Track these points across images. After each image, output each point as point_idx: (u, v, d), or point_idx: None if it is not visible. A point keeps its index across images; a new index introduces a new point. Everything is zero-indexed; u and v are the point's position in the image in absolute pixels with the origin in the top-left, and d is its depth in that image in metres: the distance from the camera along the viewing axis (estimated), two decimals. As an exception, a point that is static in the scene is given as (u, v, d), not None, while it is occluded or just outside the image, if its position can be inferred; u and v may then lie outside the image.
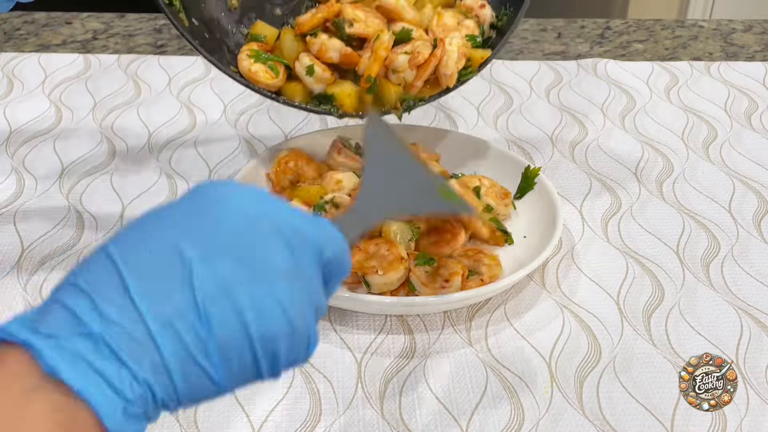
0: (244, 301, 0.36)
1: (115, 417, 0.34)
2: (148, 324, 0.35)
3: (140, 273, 0.35)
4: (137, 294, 0.35)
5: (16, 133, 0.98)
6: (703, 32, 1.29)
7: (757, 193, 0.90)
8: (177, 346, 0.35)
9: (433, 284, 0.69)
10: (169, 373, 0.35)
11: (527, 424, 0.62)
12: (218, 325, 0.36)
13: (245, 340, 0.36)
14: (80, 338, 0.34)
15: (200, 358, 0.36)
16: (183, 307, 0.35)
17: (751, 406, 0.64)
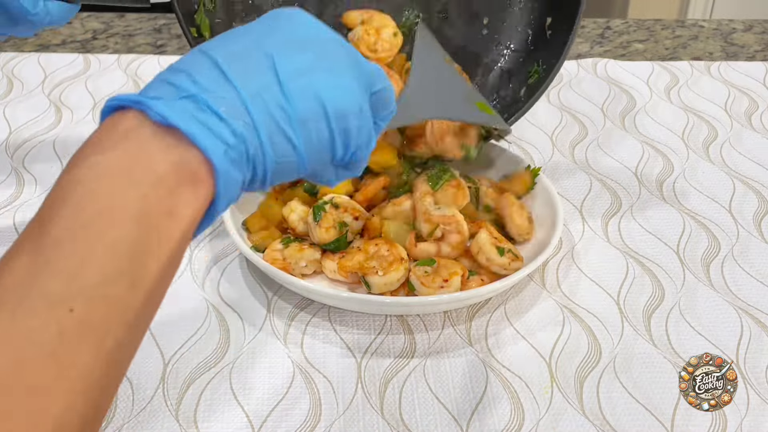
0: (320, 82, 0.42)
1: (218, 155, 0.38)
2: (239, 92, 0.40)
3: (230, 59, 0.41)
4: (229, 72, 0.40)
5: (16, 133, 0.98)
6: (704, 32, 1.29)
7: (757, 193, 0.90)
8: (264, 113, 0.40)
9: (433, 284, 0.69)
10: (258, 134, 0.40)
11: (527, 424, 0.62)
12: (299, 99, 0.41)
13: (322, 113, 0.42)
14: (183, 99, 0.39)
15: (284, 125, 0.41)
16: (268, 83, 0.41)
17: (751, 406, 0.64)
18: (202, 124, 0.38)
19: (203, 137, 0.38)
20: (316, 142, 0.43)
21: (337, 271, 0.72)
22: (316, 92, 0.42)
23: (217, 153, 0.38)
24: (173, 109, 0.38)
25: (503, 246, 0.73)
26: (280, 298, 0.74)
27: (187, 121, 0.38)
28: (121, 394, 0.64)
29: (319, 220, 0.73)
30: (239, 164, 0.40)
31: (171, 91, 0.39)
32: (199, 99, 0.39)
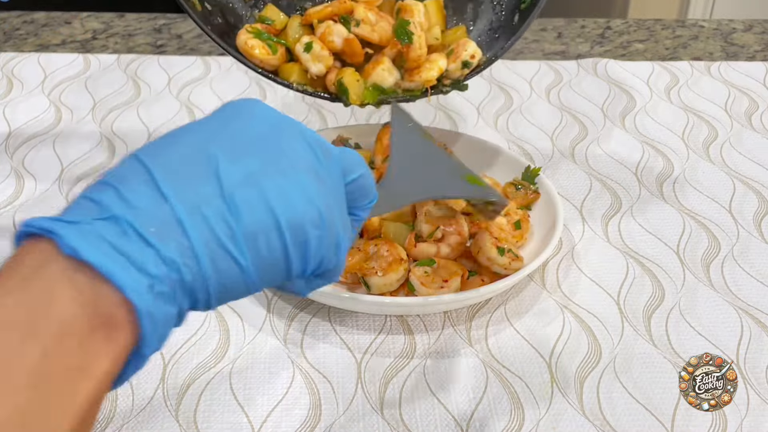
0: (270, 189, 0.37)
1: (139, 292, 0.33)
2: (174, 207, 0.35)
3: (167, 168, 0.36)
4: (163, 183, 0.35)
5: (16, 133, 0.98)
6: (704, 32, 1.29)
7: (757, 193, 0.90)
8: (204, 230, 0.35)
9: (433, 285, 0.69)
10: (197, 256, 0.35)
11: (527, 424, 0.62)
12: (245, 210, 0.36)
13: (273, 225, 0.37)
14: (102, 222, 0.33)
15: (227, 243, 0.35)
16: (209, 195, 0.35)
17: (751, 406, 0.64)
18: (122, 253, 0.33)
19: (121, 273, 0.32)
20: (268, 258, 0.37)
21: (336, 272, 0.72)
22: (266, 201, 0.36)
23: (140, 292, 0.33)
24: (87, 237, 0.33)
25: (503, 246, 0.73)
26: (280, 298, 0.74)
27: (102, 254, 0.32)
28: (121, 394, 0.64)
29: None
30: (170, 297, 0.34)
31: (91, 212, 0.34)
32: (122, 221, 0.33)
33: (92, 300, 0.32)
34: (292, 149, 0.39)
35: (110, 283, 0.32)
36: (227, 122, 0.39)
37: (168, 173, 0.35)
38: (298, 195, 0.38)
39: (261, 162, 0.37)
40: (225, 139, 0.38)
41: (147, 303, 0.33)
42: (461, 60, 0.77)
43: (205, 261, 0.35)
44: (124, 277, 0.33)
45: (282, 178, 0.37)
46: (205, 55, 1.17)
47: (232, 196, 0.36)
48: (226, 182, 0.36)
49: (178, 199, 0.35)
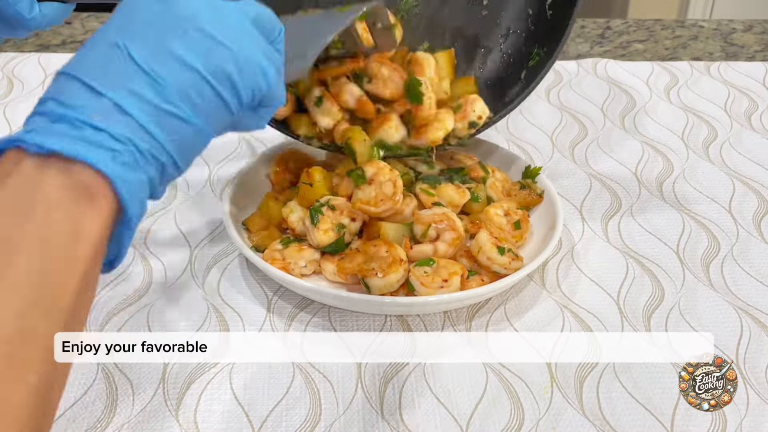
0: (177, 48, 0.42)
1: (107, 163, 0.38)
2: (107, 95, 0.40)
3: (90, 69, 0.41)
4: (92, 81, 0.40)
5: (16, 133, 0.98)
6: (703, 32, 1.29)
7: (757, 193, 0.90)
8: (140, 103, 0.40)
9: (433, 284, 0.69)
10: (142, 126, 0.40)
11: (527, 424, 0.62)
12: (165, 73, 0.41)
13: (194, 76, 0.42)
14: (56, 124, 0.39)
15: (163, 104, 0.41)
16: (132, 74, 0.41)
17: (751, 406, 0.64)
18: (81, 140, 0.38)
19: (86, 151, 0.38)
20: (203, 104, 0.43)
21: (336, 273, 0.72)
22: (180, 59, 0.42)
23: (105, 161, 0.38)
24: (47, 135, 0.38)
25: (503, 245, 0.73)
26: (280, 298, 0.74)
27: (65, 142, 0.38)
28: (121, 394, 0.64)
29: (317, 223, 0.73)
30: (135, 165, 0.40)
31: (42, 120, 0.39)
32: (70, 118, 0.39)
33: (67, 179, 0.37)
34: (184, 12, 0.44)
35: (80, 163, 0.38)
36: (124, 14, 0.44)
37: (93, 72, 0.41)
38: (204, 43, 0.43)
39: (161, 33, 0.43)
40: (126, 27, 0.43)
41: (117, 170, 0.39)
42: (468, 120, 0.79)
43: (152, 127, 0.40)
44: (89, 154, 0.38)
45: (185, 36, 0.43)
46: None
47: (151, 67, 0.41)
48: (140, 59, 0.41)
49: (108, 88, 0.40)
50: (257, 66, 0.46)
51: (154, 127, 0.41)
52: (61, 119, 0.39)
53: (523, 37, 0.85)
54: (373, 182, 0.74)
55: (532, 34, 0.84)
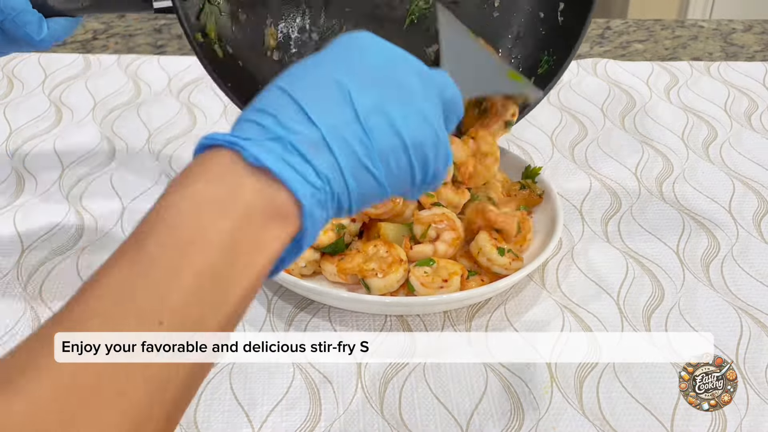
0: (396, 114, 0.44)
1: (307, 197, 0.40)
2: (322, 131, 0.41)
3: (309, 98, 0.42)
4: (310, 111, 0.42)
5: (16, 134, 0.98)
6: (703, 32, 1.29)
7: (757, 193, 0.90)
8: (346, 151, 0.42)
9: (433, 285, 0.69)
10: (342, 172, 0.42)
11: (527, 424, 0.62)
12: (378, 134, 0.43)
13: (401, 146, 0.44)
14: (271, 141, 0.40)
15: (365, 160, 0.43)
16: (348, 120, 0.42)
17: (751, 406, 0.64)
18: (291, 166, 0.40)
19: (293, 180, 0.40)
20: (397, 172, 0.44)
21: (336, 274, 0.72)
22: (394, 126, 0.43)
23: (306, 195, 0.40)
24: (264, 150, 0.40)
25: (503, 246, 0.73)
26: (280, 298, 0.74)
27: (278, 164, 0.40)
28: (122, 394, 0.64)
29: None
30: (325, 204, 0.42)
31: (260, 133, 0.41)
32: (286, 141, 0.40)
33: (270, 195, 0.40)
34: (406, 79, 0.45)
35: (283, 186, 0.40)
36: (348, 54, 0.45)
37: (312, 102, 0.42)
38: (418, 119, 0.45)
39: (384, 92, 0.44)
40: (350, 69, 0.44)
41: (312, 206, 0.41)
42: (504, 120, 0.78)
43: (349, 175, 0.42)
44: (296, 184, 0.40)
45: (403, 106, 0.44)
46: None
47: (366, 121, 0.42)
48: (360, 109, 0.42)
49: (323, 124, 0.41)
50: (446, 152, 0.47)
51: (350, 177, 0.42)
52: (277, 140, 0.40)
53: (532, 43, 0.84)
54: None
55: (542, 40, 0.84)
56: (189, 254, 0.37)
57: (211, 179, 0.39)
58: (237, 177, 0.39)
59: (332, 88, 0.43)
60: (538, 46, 0.84)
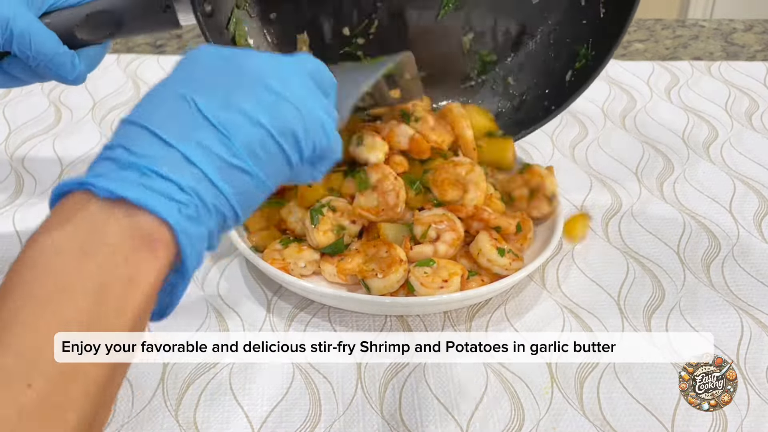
0: (245, 104, 0.43)
1: (173, 215, 0.39)
2: (177, 147, 0.40)
3: (158, 119, 0.41)
4: (160, 131, 0.41)
5: (16, 133, 0.98)
6: (704, 32, 1.29)
7: (757, 193, 0.89)
8: (208, 156, 0.41)
9: (433, 285, 0.69)
10: (210, 179, 0.41)
11: (527, 424, 0.62)
12: (233, 129, 0.42)
13: (258, 128, 0.43)
14: (125, 171, 0.39)
15: (231, 159, 0.42)
16: (200, 126, 0.41)
17: (751, 406, 0.64)
18: (149, 188, 0.39)
19: (153, 201, 0.38)
20: (267, 159, 0.43)
21: (336, 275, 0.72)
22: (246, 115, 0.43)
23: (172, 213, 0.39)
24: (117, 181, 0.39)
25: (503, 247, 0.73)
26: (280, 298, 0.74)
27: (134, 189, 0.38)
28: (121, 394, 0.64)
29: (317, 224, 0.73)
30: (198, 218, 0.40)
31: (111, 166, 0.40)
32: (139, 166, 0.39)
33: (131, 225, 0.38)
34: (248, 68, 0.45)
35: (145, 211, 0.38)
36: (186, 68, 0.45)
37: (161, 123, 0.41)
38: (270, 100, 0.44)
39: (228, 88, 0.43)
40: (190, 80, 0.44)
41: (182, 223, 0.39)
42: None
43: (218, 180, 0.41)
44: (156, 204, 0.38)
45: (251, 93, 0.43)
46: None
47: (219, 121, 0.42)
48: (209, 114, 0.42)
49: (176, 139, 0.40)
50: (319, 122, 0.46)
51: (219, 180, 0.41)
52: (130, 167, 0.39)
53: (571, 32, 0.81)
54: (377, 189, 0.73)
55: (581, 31, 0.80)
56: (54, 310, 0.35)
57: (64, 226, 0.38)
58: (91, 216, 0.38)
59: (177, 103, 0.42)
60: (577, 36, 0.80)
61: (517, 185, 0.80)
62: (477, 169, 0.76)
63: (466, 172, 0.75)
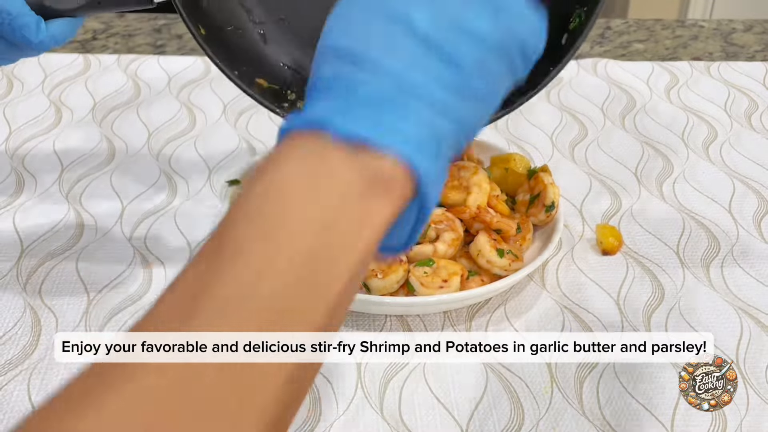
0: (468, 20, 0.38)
1: (413, 155, 0.36)
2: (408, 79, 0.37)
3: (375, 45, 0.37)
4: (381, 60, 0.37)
5: (16, 134, 0.98)
6: (704, 32, 1.29)
7: (757, 194, 0.90)
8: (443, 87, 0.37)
9: (433, 285, 0.69)
10: (448, 114, 0.37)
11: (527, 424, 0.62)
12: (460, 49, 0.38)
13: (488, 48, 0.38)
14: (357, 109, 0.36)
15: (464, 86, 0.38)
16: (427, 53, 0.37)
17: (751, 406, 0.64)
18: (388, 128, 0.36)
19: (393, 142, 0.35)
20: (497, 80, 0.39)
21: (336, 273, 0.72)
22: (473, 34, 0.38)
23: (413, 154, 0.36)
24: (354, 120, 0.36)
25: (503, 247, 0.73)
26: (280, 298, 0.73)
27: (371, 128, 0.35)
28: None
29: None
30: (437, 155, 0.37)
31: (338, 102, 0.37)
32: (372, 101, 0.36)
33: (367, 166, 0.35)
34: None
35: (382, 152, 0.35)
36: None
37: (380, 50, 0.37)
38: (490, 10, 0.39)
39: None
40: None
41: (422, 164, 0.36)
42: None
43: (453, 112, 0.37)
44: (397, 145, 0.35)
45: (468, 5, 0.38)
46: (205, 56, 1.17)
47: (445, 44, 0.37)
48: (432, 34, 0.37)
49: (406, 69, 0.37)
50: (535, 26, 0.41)
51: (455, 112, 0.37)
52: (365, 104, 0.36)
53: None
54: None
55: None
56: (278, 244, 0.33)
57: (296, 162, 0.35)
58: (324, 154, 0.35)
59: (390, 23, 0.37)
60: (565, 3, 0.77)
61: (522, 189, 0.80)
62: (480, 172, 0.76)
63: (470, 174, 0.76)
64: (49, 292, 0.74)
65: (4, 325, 0.70)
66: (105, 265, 0.77)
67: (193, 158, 0.94)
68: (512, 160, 0.82)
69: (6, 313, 0.71)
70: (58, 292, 0.74)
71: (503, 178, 0.81)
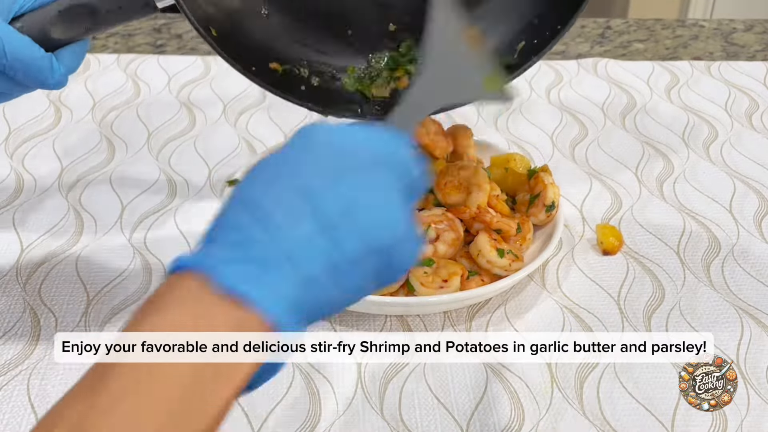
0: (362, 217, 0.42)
1: (280, 314, 0.39)
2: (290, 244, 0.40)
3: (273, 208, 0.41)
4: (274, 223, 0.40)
5: (16, 133, 0.98)
6: (704, 32, 1.29)
7: (757, 193, 0.89)
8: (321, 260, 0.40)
9: (432, 285, 0.69)
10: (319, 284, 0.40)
11: (527, 425, 0.62)
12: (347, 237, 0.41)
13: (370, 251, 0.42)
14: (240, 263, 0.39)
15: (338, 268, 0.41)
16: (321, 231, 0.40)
17: (751, 406, 0.64)
18: (266, 290, 0.38)
19: (263, 299, 0.38)
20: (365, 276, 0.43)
21: (336, 273, 0.72)
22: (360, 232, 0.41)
23: (279, 313, 0.38)
24: (232, 273, 0.38)
25: (503, 247, 0.73)
26: (279, 298, 0.73)
27: (252, 288, 0.38)
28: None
29: None
30: (301, 320, 0.40)
31: (228, 254, 0.39)
32: (255, 260, 0.39)
33: (240, 320, 0.38)
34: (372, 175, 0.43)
35: (255, 307, 0.38)
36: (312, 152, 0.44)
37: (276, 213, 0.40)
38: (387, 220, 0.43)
39: (353, 191, 0.42)
40: (315, 170, 0.42)
41: (288, 322, 0.39)
42: None
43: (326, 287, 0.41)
44: (267, 303, 0.38)
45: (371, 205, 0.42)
46: (205, 55, 1.17)
47: (337, 229, 0.41)
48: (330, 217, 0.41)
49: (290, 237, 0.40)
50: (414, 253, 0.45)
51: (327, 291, 0.41)
52: (253, 262, 0.39)
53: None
54: None
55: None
56: (148, 394, 0.35)
57: (174, 308, 0.38)
58: (203, 303, 0.38)
59: (297, 196, 0.41)
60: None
61: (522, 189, 0.80)
62: (481, 171, 0.76)
63: (470, 174, 0.76)
64: (49, 292, 0.74)
65: (4, 325, 0.70)
66: (105, 265, 0.77)
67: (193, 158, 0.94)
68: (512, 160, 0.82)
69: (6, 313, 0.71)
70: (57, 292, 0.74)
71: (503, 178, 0.81)
